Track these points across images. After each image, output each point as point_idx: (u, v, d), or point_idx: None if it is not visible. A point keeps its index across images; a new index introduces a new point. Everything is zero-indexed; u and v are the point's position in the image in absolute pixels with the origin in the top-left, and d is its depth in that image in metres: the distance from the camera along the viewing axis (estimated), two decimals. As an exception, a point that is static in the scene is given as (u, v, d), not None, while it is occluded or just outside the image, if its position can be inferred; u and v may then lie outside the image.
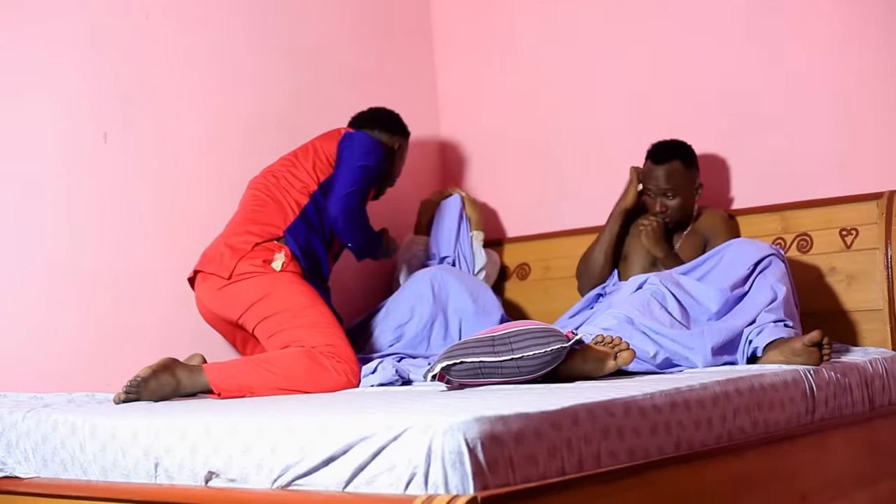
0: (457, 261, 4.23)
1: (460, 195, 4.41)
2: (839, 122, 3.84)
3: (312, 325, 3.43)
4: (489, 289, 4.05)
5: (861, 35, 3.81)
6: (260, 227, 3.61)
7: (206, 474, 2.23)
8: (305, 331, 3.41)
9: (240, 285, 3.51)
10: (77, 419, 2.54)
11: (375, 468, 1.97)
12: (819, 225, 3.81)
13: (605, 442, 2.16)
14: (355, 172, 3.77)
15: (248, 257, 3.53)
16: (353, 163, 3.78)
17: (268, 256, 3.54)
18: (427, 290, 3.91)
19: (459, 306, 3.89)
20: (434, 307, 3.88)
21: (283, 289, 3.50)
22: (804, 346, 2.96)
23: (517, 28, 4.68)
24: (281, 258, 3.55)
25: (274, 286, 3.49)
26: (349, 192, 3.73)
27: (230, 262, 3.52)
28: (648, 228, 3.78)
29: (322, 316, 3.48)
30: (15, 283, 3.39)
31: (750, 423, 2.59)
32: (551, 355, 2.77)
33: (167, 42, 3.85)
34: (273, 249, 3.56)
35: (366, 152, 3.82)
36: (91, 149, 3.61)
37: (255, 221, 3.63)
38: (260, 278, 3.50)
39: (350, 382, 3.33)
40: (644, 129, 4.16)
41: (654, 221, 3.78)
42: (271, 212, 3.66)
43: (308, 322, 3.44)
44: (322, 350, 3.34)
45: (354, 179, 3.76)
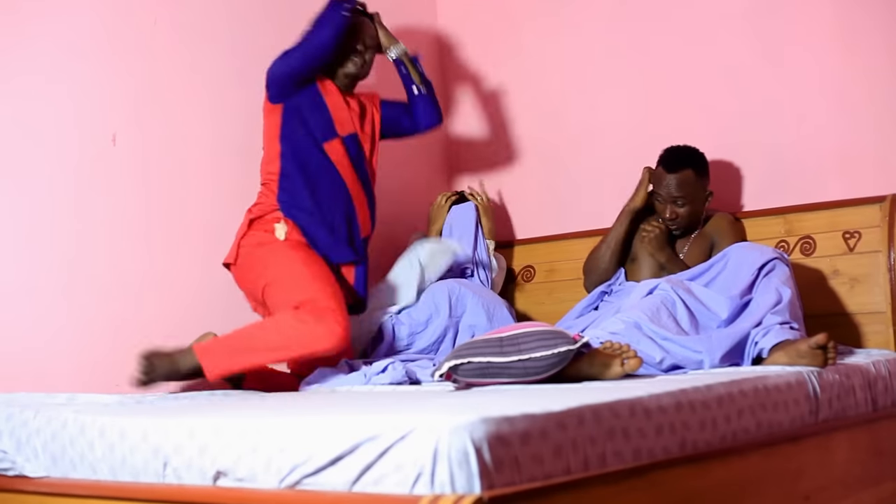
0: (475, 271, 4.23)
1: (474, 203, 4.40)
2: (842, 126, 3.86)
3: (297, 286, 3.49)
4: (504, 306, 4.07)
5: (864, 38, 3.82)
6: (258, 206, 3.72)
7: (215, 473, 2.24)
8: (291, 293, 3.47)
9: (244, 264, 3.63)
10: (87, 418, 2.55)
11: (382, 468, 1.98)
12: (822, 228, 3.82)
13: (610, 442, 2.18)
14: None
15: (248, 235, 3.65)
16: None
17: (268, 228, 3.64)
18: (444, 302, 3.95)
19: (473, 321, 3.93)
20: (449, 321, 3.93)
21: (276, 258, 3.58)
22: (809, 348, 2.97)
23: (524, 32, 4.69)
24: (282, 227, 3.63)
25: (269, 257, 3.59)
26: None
27: (234, 245, 3.67)
28: (651, 235, 3.80)
29: (308, 274, 3.52)
30: (25, 285, 3.41)
31: (754, 423, 2.60)
32: (558, 357, 2.79)
33: (175, 46, 3.87)
34: (272, 221, 3.65)
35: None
36: (100, 151, 3.63)
37: (256, 201, 3.75)
38: (258, 251, 3.61)
39: (335, 336, 3.36)
40: (650, 131, 4.18)
41: (656, 228, 3.80)
42: (264, 189, 3.76)
43: (294, 284, 3.50)
44: (305, 309, 3.38)
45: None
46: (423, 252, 4.09)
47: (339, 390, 3.31)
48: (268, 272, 3.57)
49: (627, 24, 4.39)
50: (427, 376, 3.38)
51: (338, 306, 3.44)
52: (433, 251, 4.09)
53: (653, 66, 4.31)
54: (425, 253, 4.09)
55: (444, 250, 4.11)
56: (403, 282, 4.06)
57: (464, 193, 4.46)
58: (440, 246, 4.14)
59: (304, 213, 3.67)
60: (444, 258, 4.08)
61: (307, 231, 3.66)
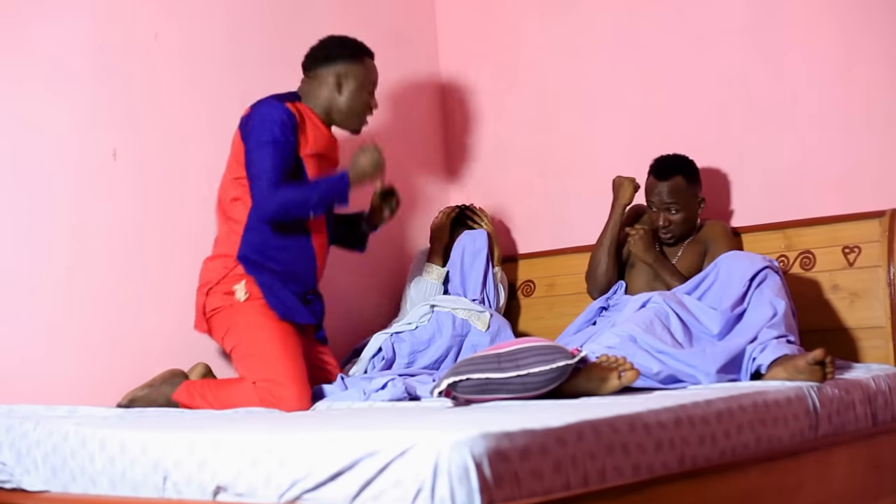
0: (484, 301, 4.24)
1: (487, 231, 4.38)
2: (842, 140, 3.86)
3: (256, 361, 3.46)
4: (509, 327, 4.09)
5: (864, 53, 3.83)
6: (213, 268, 3.63)
7: (215, 488, 2.24)
8: (251, 367, 3.46)
9: (212, 321, 3.60)
10: (87, 430, 2.56)
11: (382, 483, 1.98)
12: (822, 243, 3.82)
13: (609, 458, 2.18)
14: (255, 153, 3.53)
15: (208, 305, 3.59)
16: (252, 143, 3.55)
17: (228, 290, 3.57)
18: (448, 322, 3.96)
19: (477, 341, 3.95)
20: (451, 340, 3.94)
21: (241, 322, 3.53)
22: (808, 364, 2.97)
23: (523, 47, 4.70)
24: (242, 288, 3.56)
25: (232, 321, 3.54)
26: (254, 184, 3.52)
27: (199, 316, 3.62)
28: (635, 237, 3.81)
29: (269, 349, 3.48)
30: (25, 298, 3.42)
31: (753, 439, 2.61)
32: (556, 372, 2.79)
33: (176, 61, 3.88)
34: (231, 282, 3.57)
35: (259, 126, 3.55)
36: (100, 165, 3.64)
37: (214, 253, 3.67)
38: (224, 312, 3.56)
39: (295, 408, 3.37)
40: (648, 145, 4.17)
41: (640, 230, 3.81)
42: (223, 237, 3.66)
43: (254, 359, 3.47)
44: (265, 389, 3.38)
45: (256, 161, 3.52)
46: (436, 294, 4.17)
47: (339, 406, 3.31)
48: (231, 337, 3.55)
49: (627, 39, 4.40)
50: (426, 392, 3.38)
51: (295, 382, 3.42)
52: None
53: (652, 81, 4.32)
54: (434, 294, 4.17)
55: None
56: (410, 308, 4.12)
57: (464, 209, 4.45)
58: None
59: (267, 271, 3.59)
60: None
61: (269, 293, 3.57)
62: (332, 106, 3.74)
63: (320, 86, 3.73)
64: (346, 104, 3.73)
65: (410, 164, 4.69)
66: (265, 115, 3.56)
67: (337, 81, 3.72)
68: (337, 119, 3.77)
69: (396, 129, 4.63)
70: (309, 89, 3.76)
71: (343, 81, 3.72)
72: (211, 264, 3.64)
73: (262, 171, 3.49)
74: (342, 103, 3.73)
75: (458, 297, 4.11)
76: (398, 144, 4.62)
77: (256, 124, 3.55)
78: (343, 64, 3.72)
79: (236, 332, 3.52)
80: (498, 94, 4.77)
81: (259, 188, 3.50)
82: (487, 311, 4.07)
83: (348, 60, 3.73)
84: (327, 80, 3.72)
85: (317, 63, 3.75)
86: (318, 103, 3.74)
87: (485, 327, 3.99)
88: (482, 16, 4.84)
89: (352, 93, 3.73)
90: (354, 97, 3.74)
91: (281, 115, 3.55)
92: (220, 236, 3.68)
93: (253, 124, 3.56)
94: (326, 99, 3.73)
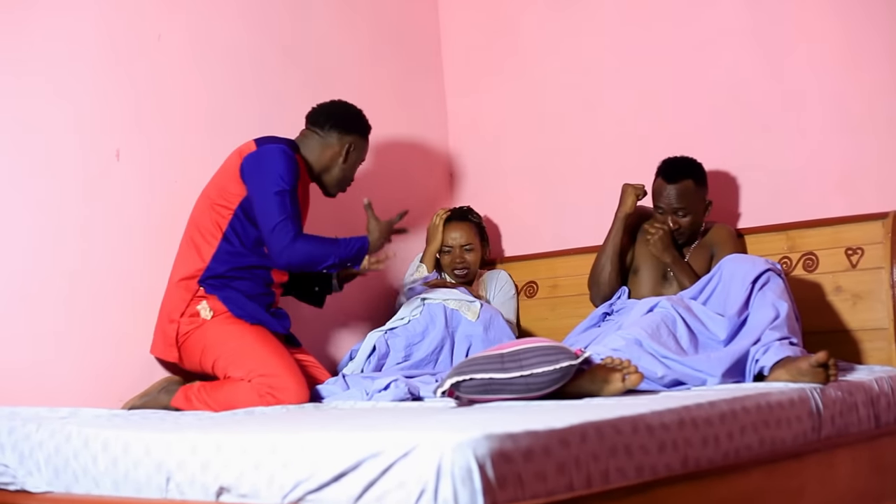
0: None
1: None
2: (845, 142, 3.86)
3: (246, 359, 3.47)
4: (500, 316, 4.09)
5: (867, 55, 3.83)
6: (183, 284, 3.60)
7: (218, 489, 2.24)
8: (240, 366, 3.46)
9: (184, 347, 3.58)
10: (90, 431, 2.56)
11: (385, 484, 1.98)
12: (825, 244, 3.82)
13: (613, 459, 2.18)
14: (271, 201, 3.54)
15: (182, 322, 3.57)
16: (266, 190, 3.55)
17: (192, 313, 3.56)
18: (441, 314, 3.96)
19: (469, 332, 3.94)
20: (445, 331, 3.94)
21: (214, 337, 3.53)
22: (810, 366, 2.97)
23: (523, 46, 4.70)
24: (205, 307, 3.56)
25: (206, 337, 3.53)
26: (277, 231, 3.53)
27: (170, 345, 3.59)
28: (655, 236, 3.80)
29: (253, 348, 3.50)
30: (28, 299, 3.42)
31: (757, 440, 2.61)
32: (560, 373, 2.79)
33: (179, 62, 3.88)
34: (193, 304, 3.57)
35: (273, 172, 3.56)
36: (104, 166, 3.64)
37: (178, 279, 3.63)
38: (194, 335, 3.54)
39: (300, 398, 3.41)
40: (651, 145, 4.18)
41: (660, 230, 3.79)
42: (186, 260, 3.64)
43: (242, 357, 3.48)
44: (259, 382, 3.40)
45: (273, 211, 3.54)
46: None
47: (342, 406, 3.31)
48: (209, 353, 3.53)
49: (629, 40, 4.40)
50: (430, 392, 3.38)
51: (291, 373, 3.45)
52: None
53: (655, 82, 4.32)
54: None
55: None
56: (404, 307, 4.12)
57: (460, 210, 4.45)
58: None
59: (229, 289, 3.58)
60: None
61: (234, 305, 3.57)
62: (328, 169, 3.79)
63: (326, 147, 3.77)
64: (343, 173, 3.81)
65: (411, 164, 4.69)
66: (280, 162, 3.57)
67: (346, 151, 3.77)
68: (325, 181, 3.82)
69: (399, 128, 4.63)
70: (312, 145, 3.77)
71: (351, 153, 3.79)
72: (175, 292, 3.61)
73: (283, 220, 3.52)
74: (338, 171, 3.80)
75: (449, 290, 4.13)
76: (401, 144, 4.63)
77: (271, 169, 3.56)
78: (357, 137, 3.81)
79: (214, 346, 3.52)
80: (500, 93, 4.77)
81: (281, 237, 3.53)
82: (478, 301, 4.08)
83: (360, 135, 3.83)
84: (335, 146, 3.77)
85: (331, 126, 3.77)
86: (315, 161, 3.77)
87: (475, 317, 3.99)
88: (485, 13, 4.84)
89: (352, 165, 3.82)
90: (352, 169, 3.83)
91: (292, 167, 3.58)
92: (182, 258, 3.65)
93: (267, 168, 3.56)
94: (327, 161, 3.77)
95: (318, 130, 3.78)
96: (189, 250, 3.63)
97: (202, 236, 3.61)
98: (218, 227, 3.59)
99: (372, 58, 4.59)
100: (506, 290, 4.45)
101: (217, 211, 3.60)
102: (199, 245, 3.61)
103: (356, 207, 3.92)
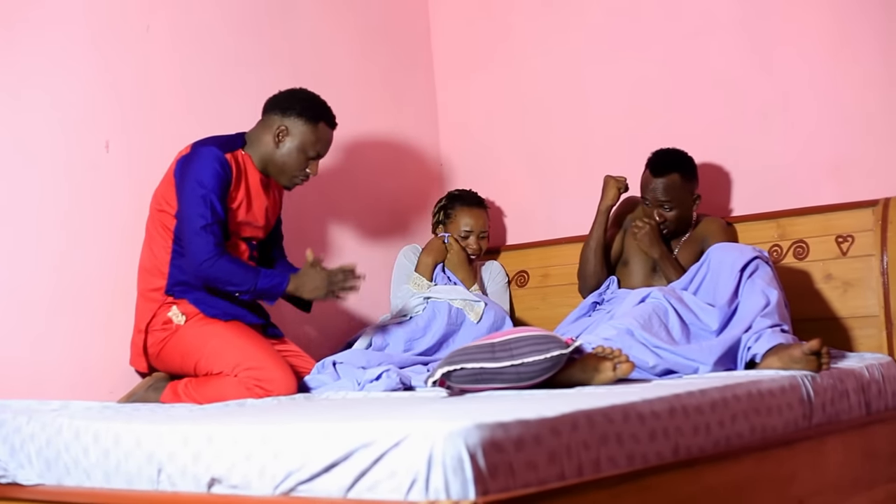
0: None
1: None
2: (835, 130, 3.87)
3: (229, 354, 3.42)
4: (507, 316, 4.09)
5: (856, 42, 3.83)
6: (150, 295, 3.56)
7: (209, 480, 2.24)
8: (225, 363, 3.41)
9: (161, 363, 3.55)
10: (81, 423, 2.56)
11: (377, 474, 1.99)
12: (815, 232, 3.82)
13: (604, 448, 2.19)
14: (193, 206, 3.44)
15: (149, 341, 3.54)
16: (187, 194, 3.46)
17: (165, 320, 3.51)
18: (444, 310, 3.96)
19: (473, 332, 3.94)
20: (448, 328, 3.94)
21: (191, 341, 3.48)
22: (803, 354, 2.98)
23: (513, 37, 4.70)
24: (177, 313, 3.51)
25: (183, 342, 3.49)
26: (193, 242, 3.44)
27: (138, 355, 3.56)
28: (642, 231, 3.80)
29: (234, 343, 3.46)
30: (18, 291, 3.41)
31: (748, 428, 2.61)
32: (551, 362, 2.79)
33: (168, 53, 3.87)
34: (164, 311, 3.52)
35: (192, 177, 3.46)
36: (93, 157, 3.63)
37: (144, 289, 3.58)
38: (171, 341, 3.50)
39: (290, 389, 3.39)
40: (641, 136, 4.18)
41: (646, 224, 3.79)
42: (149, 266, 3.58)
43: (225, 353, 3.43)
44: (245, 375, 3.37)
45: (194, 216, 3.44)
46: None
47: (333, 397, 3.31)
48: (190, 356, 3.48)
49: (619, 30, 4.39)
50: (421, 382, 3.38)
51: (276, 364, 3.42)
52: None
53: (645, 71, 4.32)
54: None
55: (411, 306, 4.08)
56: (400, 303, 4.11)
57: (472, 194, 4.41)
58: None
59: (196, 289, 3.52)
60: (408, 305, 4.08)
61: (206, 306, 3.51)
62: (269, 157, 3.62)
63: (265, 132, 3.61)
64: (281, 159, 3.60)
65: (401, 156, 4.68)
66: (203, 165, 3.46)
67: (278, 133, 3.58)
68: (271, 171, 3.64)
69: (389, 120, 4.63)
70: (255, 133, 3.65)
71: (285, 135, 3.58)
72: (141, 302, 3.58)
73: (200, 231, 3.42)
74: (277, 157, 3.60)
75: (453, 287, 4.11)
76: (392, 136, 4.62)
77: (193, 173, 3.46)
78: (295, 118, 3.58)
79: (194, 349, 3.46)
80: (490, 85, 4.77)
81: (198, 249, 3.43)
82: (482, 300, 4.06)
83: (302, 118, 3.58)
84: (272, 128, 3.59)
85: (272, 109, 3.64)
86: (258, 151, 3.62)
87: (477, 318, 3.98)
88: (474, 5, 4.84)
89: (290, 150, 3.59)
90: (291, 155, 3.60)
91: (216, 170, 3.46)
92: (143, 266, 3.60)
93: (190, 172, 3.47)
94: (266, 146, 3.61)
95: (263, 116, 3.67)
96: (148, 258, 3.58)
97: (155, 242, 3.56)
98: (167, 232, 3.53)
99: (361, 51, 4.57)
100: (498, 280, 4.45)
101: (162, 217, 3.54)
102: (155, 252, 3.55)
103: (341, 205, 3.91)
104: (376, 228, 4.47)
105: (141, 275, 3.60)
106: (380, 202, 4.54)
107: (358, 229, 4.44)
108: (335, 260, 4.23)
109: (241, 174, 3.59)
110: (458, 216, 4.31)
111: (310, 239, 4.18)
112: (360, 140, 4.45)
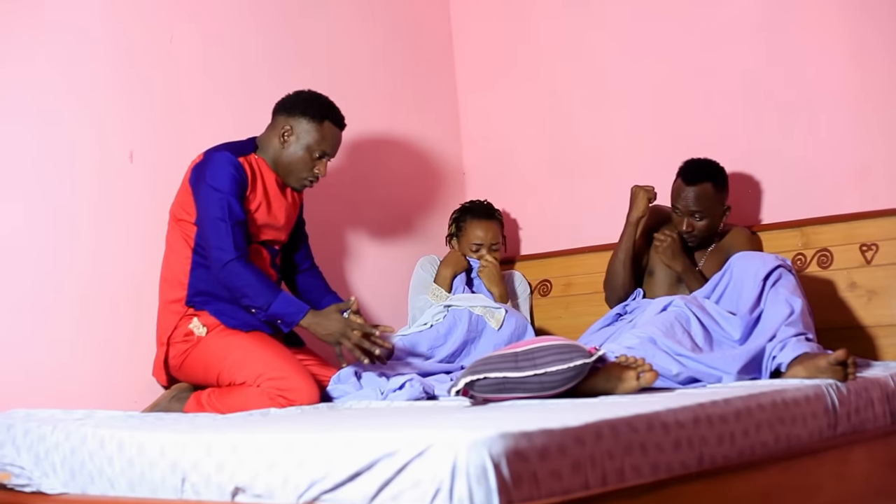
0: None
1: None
2: (859, 138, 3.85)
3: (251, 364, 3.42)
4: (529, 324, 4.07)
5: (880, 49, 3.82)
6: (171, 307, 3.56)
7: (233, 489, 2.25)
8: (247, 372, 3.41)
9: (184, 374, 3.55)
10: (105, 433, 2.56)
11: (400, 484, 1.99)
12: (839, 240, 3.81)
13: (628, 457, 2.18)
14: (212, 207, 3.45)
15: (171, 353, 3.54)
16: (205, 197, 3.47)
17: (187, 332, 3.52)
18: (465, 317, 3.94)
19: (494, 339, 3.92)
20: (468, 335, 3.92)
21: (213, 352, 3.48)
22: (829, 364, 2.96)
23: (535, 44, 4.70)
24: (198, 325, 3.51)
25: (205, 354, 3.49)
26: (215, 249, 3.44)
27: (159, 369, 3.57)
28: (664, 245, 3.78)
29: (256, 354, 3.45)
30: (45, 302, 3.43)
31: (772, 437, 2.60)
32: (574, 371, 2.79)
33: (191, 63, 3.89)
34: (185, 324, 3.53)
35: (206, 180, 3.47)
36: (117, 168, 3.64)
37: (165, 301, 3.59)
38: (193, 354, 3.51)
39: (312, 398, 3.38)
40: (664, 143, 4.18)
41: (668, 237, 3.78)
42: (169, 276, 3.59)
43: (247, 363, 3.42)
44: (268, 385, 3.36)
45: (210, 223, 3.45)
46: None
47: (357, 406, 3.31)
48: (212, 367, 3.48)
49: (642, 39, 4.39)
50: (444, 392, 3.38)
51: (299, 373, 3.41)
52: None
53: (668, 79, 4.31)
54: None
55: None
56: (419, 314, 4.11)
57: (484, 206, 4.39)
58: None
59: (217, 300, 3.52)
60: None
61: (226, 317, 3.52)
62: (277, 158, 3.62)
63: (272, 134, 3.63)
64: (287, 159, 3.60)
65: (424, 163, 4.69)
66: (216, 169, 3.47)
67: (283, 133, 3.59)
68: (280, 173, 3.64)
69: (412, 128, 4.63)
70: (264, 137, 3.66)
71: (289, 135, 3.59)
72: (163, 315, 3.58)
73: (220, 233, 3.44)
74: (284, 157, 3.60)
75: (474, 295, 4.10)
76: (414, 144, 4.63)
77: (207, 177, 3.47)
78: (299, 118, 3.59)
79: (216, 360, 3.47)
80: (512, 92, 4.77)
81: (219, 250, 3.44)
82: (503, 307, 4.05)
83: (305, 116, 3.59)
84: (277, 129, 3.61)
85: (278, 111, 3.66)
86: (268, 153, 3.63)
87: (497, 325, 3.97)
88: (497, 11, 4.84)
89: (295, 150, 3.59)
90: (297, 155, 3.60)
91: (229, 172, 3.47)
92: (164, 277, 3.61)
93: (205, 176, 3.48)
94: (274, 149, 3.62)
95: (272, 119, 3.68)
96: (168, 268, 3.59)
97: (174, 253, 3.57)
98: (186, 241, 3.54)
99: (384, 58, 4.59)
100: (520, 291, 4.44)
101: (181, 226, 3.55)
102: (175, 263, 3.56)
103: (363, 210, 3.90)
104: (398, 236, 4.48)
105: (162, 286, 3.61)
106: (402, 210, 4.54)
107: (379, 237, 4.45)
108: (355, 268, 4.24)
109: (256, 177, 3.59)
110: (468, 229, 4.29)
111: (331, 245, 4.19)
112: (383, 148, 4.46)
